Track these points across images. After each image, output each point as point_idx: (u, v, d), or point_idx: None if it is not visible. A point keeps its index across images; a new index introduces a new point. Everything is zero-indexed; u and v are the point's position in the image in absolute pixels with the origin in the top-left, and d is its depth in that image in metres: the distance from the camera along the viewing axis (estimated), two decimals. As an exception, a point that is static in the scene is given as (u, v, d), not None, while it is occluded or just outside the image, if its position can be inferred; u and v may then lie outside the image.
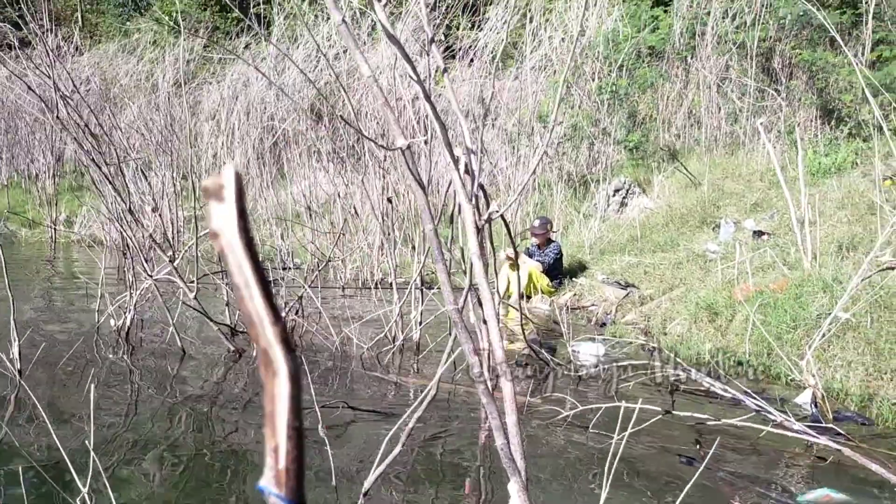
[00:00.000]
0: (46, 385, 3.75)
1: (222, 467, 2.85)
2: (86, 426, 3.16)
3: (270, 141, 12.68)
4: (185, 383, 4.10)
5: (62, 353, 4.19)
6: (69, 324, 5.45)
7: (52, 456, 2.76)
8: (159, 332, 5.01)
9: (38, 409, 3.36)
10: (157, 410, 3.54)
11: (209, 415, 3.57)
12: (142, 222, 4.41)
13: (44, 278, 7.91)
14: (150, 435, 3.16)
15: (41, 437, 2.98)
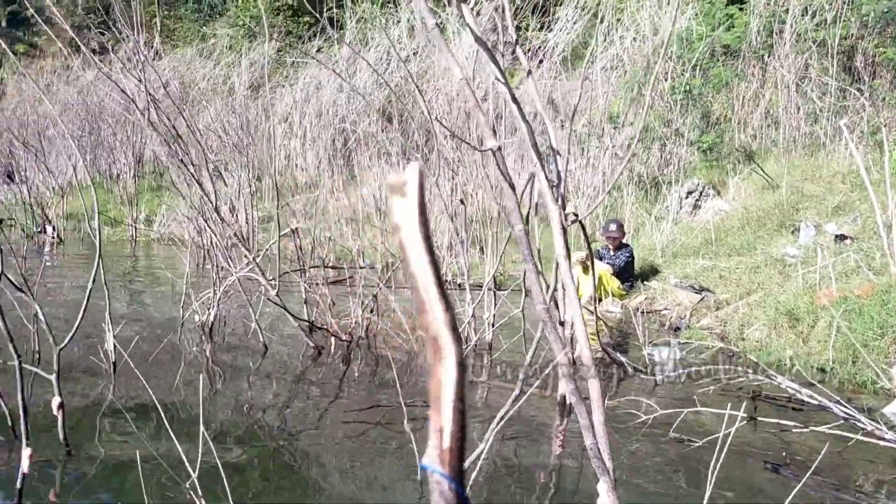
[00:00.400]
0: (138, 377, 3.91)
1: (301, 459, 2.92)
2: (179, 417, 3.30)
3: (341, 142, 12.90)
4: (266, 378, 4.22)
5: (150, 346, 4.36)
6: (154, 319, 5.67)
7: (155, 445, 2.88)
8: (240, 328, 5.17)
9: (133, 399, 3.53)
10: (240, 404, 3.65)
11: (290, 408, 3.66)
12: (227, 221, 4.56)
13: (127, 275, 8.26)
14: (233, 427, 3.27)
15: (140, 428, 3.13)
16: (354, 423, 3.29)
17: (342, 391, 4.04)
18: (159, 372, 4.05)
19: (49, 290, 6.33)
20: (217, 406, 3.62)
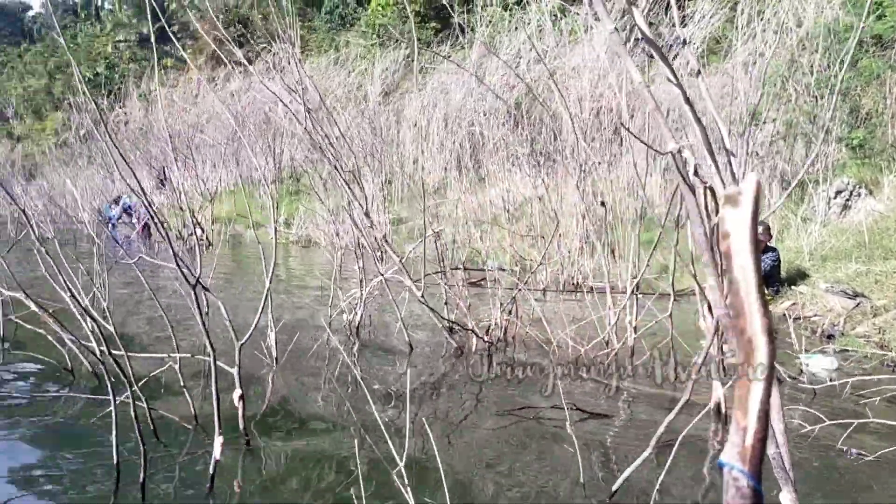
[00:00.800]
0: (296, 371, 4.13)
1: (463, 457, 2.99)
2: (333, 410, 3.46)
3: (468, 146, 13.05)
4: (412, 375, 4.35)
5: (300, 343, 4.59)
6: (300, 317, 5.95)
7: (317, 437, 3.04)
8: (383, 328, 5.35)
9: (294, 393, 3.73)
10: (388, 401, 3.78)
11: (439, 406, 3.75)
12: (376, 224, 4.73)
13: (282, 276, 8.71)
14: (385, 422, 3.38)
15: (304, 420, 3.30)
16: (508, 423, 3.34)
17: (487, 390, 4.10)
18: (313, 367, 4.26)
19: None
20: (362, 400, 3.76)
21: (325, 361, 4.42)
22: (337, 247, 9.20)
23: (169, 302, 5.80)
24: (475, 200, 11.51)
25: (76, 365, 3.74)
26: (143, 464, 2.29)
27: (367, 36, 18.10)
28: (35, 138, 41.89)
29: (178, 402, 3.18)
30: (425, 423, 3.10)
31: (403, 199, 14.00)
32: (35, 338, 4.21)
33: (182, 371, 3.08)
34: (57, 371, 3.77)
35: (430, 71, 16.24)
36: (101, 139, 2.91)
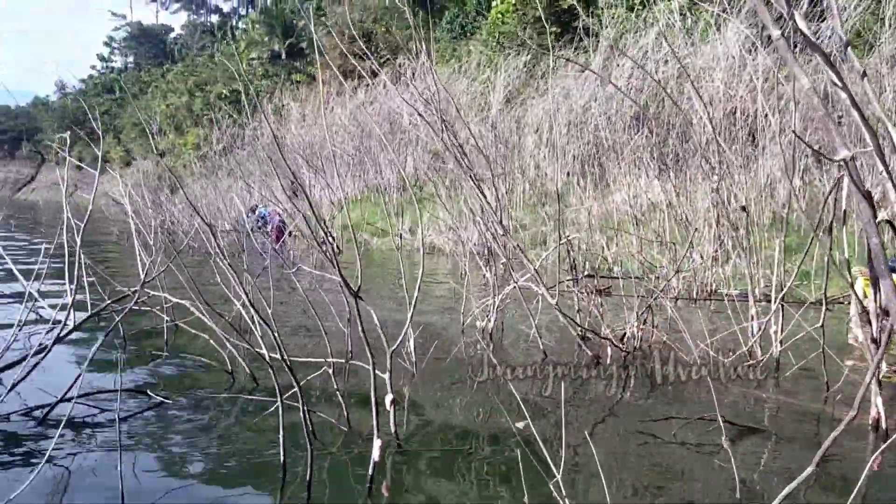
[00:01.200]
0: (436, 377, 4.22)
1: (611, 466, 2.96)
2: (474, 416, 3.51)
3: (592, 150, 12.89)
4: (546, 383, 4.34)
5: (438, 349, 4.68)
6: (431, 322, 6.07)
7: (462, 441, 3.10)
8: (514, 335, 5.37)
9: (433, 398, 3.81)
10: (525, 408, 3.78)
11: (579, 416, 3.73)
12: (509, 232, 4.77)
13: (399, 281, 8.92)
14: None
15: (447, 426, 3.38)
16: (653, 435, 3.28)
17: (626, 400, 4.05)
18: (451, 373, 4.34)
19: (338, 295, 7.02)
20: (506, 407, 3.79)
21: (463, 367, 4.49)
22: (463, 254, 9.35)
23: (305, 307, 6.06)
24: (600, 206, 11.36)
25: (235, 367, 3.98)
26: (310, 463, 2.41)
27: (489, 44, 18.24)
28: (177, 153, 44.80)
29: (331, 405, 3.33)
30: (586, 435, 3.09)
31: (525, 205, 13.99)
32: (194, 340, 4.52)
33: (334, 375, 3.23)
34: (218, 373, 4.03)
35: (552, 76, 16.16)
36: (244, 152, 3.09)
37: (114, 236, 13.62)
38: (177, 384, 3.85)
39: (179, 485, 2.60)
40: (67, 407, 3.30)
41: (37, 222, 19.27)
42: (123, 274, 6.27)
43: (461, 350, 4.87)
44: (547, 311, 5.25)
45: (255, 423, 3.19)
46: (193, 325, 4.43)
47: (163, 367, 4.24)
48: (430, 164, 15.24)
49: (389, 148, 14.77)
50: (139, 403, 3.41)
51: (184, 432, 3.12)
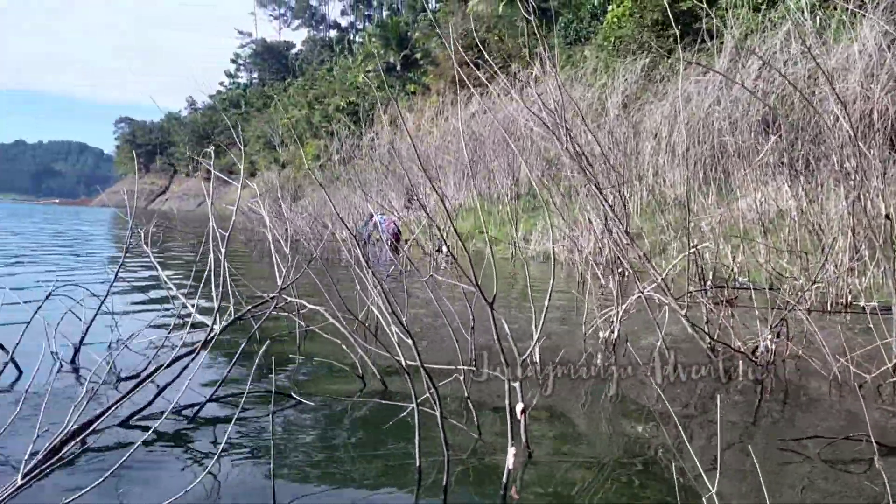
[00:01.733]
0: (559, 387, 4.20)
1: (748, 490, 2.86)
2: (596, 426, 3.46)
3: (717, 155, 12.46)
4: (671, 398, 4.23)
5: (561, 358, 4.65)
6: (550, 331, 6.03)
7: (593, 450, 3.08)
8: (640, 347, 5.26)
9: (560, 407, 3.79)
10: (650, 421, 3.70)
11: (708, 433, 3.61)
12: (634, 242, 4.69)
13: (513, 290, 8.93)
14: (643, 443, 3.32)
15: (570, 435, 3.35)
16: (794, 454, 3.14)
17: (760, 416, 3.88)
18: (577, 383, 4.31)
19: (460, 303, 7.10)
20: (628, 419, 3.72)
21: (588, 377, 4.45)
22: (580, 262, 9.25)
23: (416, 312, 6.16)
24: (724, 213, 10.97)
25: (366, 372, 4.10)
26: (446, 469, 2.46)
27: (605, 49, 17.99)
28: (297, 163, 46.66)
29: (459, 412, 3.38)
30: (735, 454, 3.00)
31: (643, 212, 13.69)
32: (325, 344, 4.69)
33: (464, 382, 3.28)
34: (349, 377, 4.17)
35: (671, 80, 15.77)
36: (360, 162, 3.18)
37: (241, 244, 14.34)
38: (311, 387, 4.00)
39: (320, 485, 2.70)
40: (214, 407, 3.51)
41: (174, 229, 20.51)
42: (252, 279, 6.58)
43: (585, 360, 4.82)
44: (672, 323, 5.11)
45: (387, 427, 3.27)
46: (324, 330, 4.59)
47: (297, 371, 4.42)
48: (545, 171, 15.17)
49: (517, 149, 14.81)
50: (277, 405, 3.57)
51: (321, 433, 3.25)
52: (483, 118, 19.10)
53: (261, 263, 11.83)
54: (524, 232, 14.78)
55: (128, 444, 2.99)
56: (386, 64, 43.47)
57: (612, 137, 13.57)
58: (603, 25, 19.23)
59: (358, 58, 52.21)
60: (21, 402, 2.94)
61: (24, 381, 3.84)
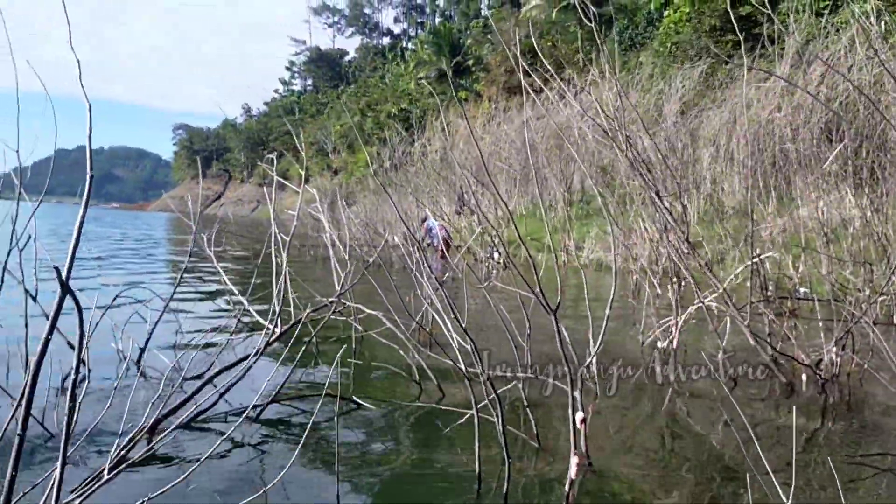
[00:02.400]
0: (614, 397, 4.15)
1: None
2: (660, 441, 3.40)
3: (779, 162, 12.18)
4: (733, 410, 4.14)
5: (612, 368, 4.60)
6: (610, 342, 5.96)
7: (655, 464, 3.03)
8: (694, 356, 5.17)
9: (621, 420, 3.75)
10: (704, 440, 3.62)
11: (769, 447, 3.52)
12: (695, 251, 4.61)
13: (569, 298, 8.85)
14: (710, 458, 3.25)
15: (638, 448, 3.31)
16: (863, 471, 3.04)
17: (825, 431, 3.77)
18: (635, 393, 4.25)
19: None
20: (688, 429, 3.65)
21: (646, 387, 4.39)
22: (635, 271, 9.13)
23: (468, 318, 6.15)
24: (785, 222, 10.72)
25: (423, 378, 4.12)
26: (507, 477, 2.45)
27: (661, 54, 17.77)
28: (350, 169, 47.21)
29: (517, 419, 3.37)
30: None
31: (701, 221, 13.45)
32: (381, 349, 4.73)
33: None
34: (406, 382, 4.20)
35: (729, 86, 15.50)
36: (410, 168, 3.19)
37: (295, 248, 14.53)
38: (369, 391, 4.04)
39: (382, 489, 2.72)
40: (276, 408, 3.57)
41: (232, 234, 20.92)
42: (310, 283, 6.67)
43: (642, 370, 4.76)
44: (731, 334, 5.01)
45: (446, 432, 3.27)
46: (380, 335, 4.63)
47: (354, 375, 4.46)
48: (598, 178, 15.03)
49: (570, 156, 14.74)
50: (333, 408, 3.61)
51: (381, 438, 3.27)
52: (536, 124, 19.04)
53: (315, 267, 11.98)
54: (577, 239, 14.66)
55: (191, 443, 3.06)
56: (438, 70, 43.68)
57: (668, 144, 13.39)
58: (659, 31, 19.00)
59: (410, 65, 52.56)
60: (112, 397, 3.03)
61: (92, 380, 3.97)
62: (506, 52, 30.09)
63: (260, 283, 5.48)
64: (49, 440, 2.95)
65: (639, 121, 9.90)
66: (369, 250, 12.24)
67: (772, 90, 12.57)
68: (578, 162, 15.72)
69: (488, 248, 14.15)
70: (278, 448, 3.10)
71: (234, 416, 3.46)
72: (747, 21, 15.28)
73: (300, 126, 66.65)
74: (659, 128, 14.78)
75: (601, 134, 6.25)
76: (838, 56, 11.87)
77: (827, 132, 11.40)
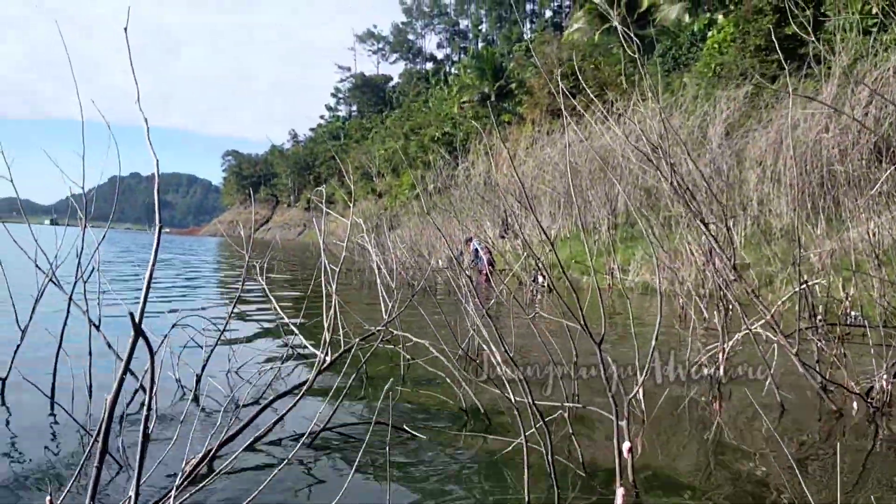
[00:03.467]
0: (658, 425, 4.16)
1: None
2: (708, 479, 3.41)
3: (827, 184, 11.99)
4: (784, 437, 4.11)
5: (657, 394, 4.60)
6: (656, 368, 5.94)
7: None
8: (747, 384, 5.13)
9: (661, 447, 3.76)
10: (759, 463, 3.60)
11: (822, 477, 3.50)
12: (741, 277, 4.60)
13: (614, 321, 8.83)
14: (756, 488, 3.24)
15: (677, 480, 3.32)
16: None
17: (875, 460, 3.72)
18: (681, 421, 4.25)
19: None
20: (736, 459, 3.64)
21: (693, 415, 4.38)
22: (681, 295, 9.07)
23: (511, 343, 6.19)
24: (834, 244, 10.53)
25: (468, 406, 4.19)
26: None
27: (705, 75, 17.68)
28: (394, 193, 47.70)
29: (562, 448, 3.41)
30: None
31: (747, 243, 13.29)
32: (428, 376, 4.81)
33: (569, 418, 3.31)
34: (452, 410, 4.27)
35: (775, 106, 15.33)
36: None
37: (342, 275, 14.68)
38: (416, 419, 4.12)
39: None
40: (325, 434, 3.68)
41: (281, 260, 21.29)
42: (356, 309, 6.79)
43: (688, 397, 4.75)
44: (779, 359, 4.97)
45: (493, 461, 3.33)
46: (426, 362, 4.72)
47: (401, 402, 4.55)
48: (643, 200, 14.97)
49: (614, 178, 14.73)
50: (382, 436, 3.70)
51: (430, 466, 3.34)
52: (579, 147, 19.05)
53: (360, 293, 12.14)
54: (621, 262, 14.58)
55: (247, 468, 3.17)
56: (481, 94, 44.04)
57: (714, 166, 13.29)
58: (703, 52, 18.91)
59: (453, 89, 53.06)
60: (179, 426, 3.16)
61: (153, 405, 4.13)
62: (549, 75, 30.23)
63: (309, 309, 5.63)
64: (119, 471, 3.08)
65: (682, 144, 9.89)
66: (414, 274, 12.38)
67: (819, 110, 12.42)
68: (620, 186, 15.71)
69: (532, 271, 14.17)
70: (330, 475, 3.20)
71: (288, 442, 3.58)
72: (793, 40, 15.15)
73: (345, 151, 67.65)
74: (704, 150, 14.68)
75: (644, 158, 6.29)
76: (887, 76, 11.69)
77: (877, 152, 11.20)
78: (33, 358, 4.73)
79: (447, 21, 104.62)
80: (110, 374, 4.27)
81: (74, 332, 4.48)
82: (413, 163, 45.70)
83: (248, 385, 4.47)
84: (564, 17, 73.85)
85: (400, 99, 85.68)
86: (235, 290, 4.77)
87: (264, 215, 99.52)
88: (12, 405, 4.19)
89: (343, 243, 4.39)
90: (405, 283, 8.42)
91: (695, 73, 18.86)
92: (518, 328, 6.24)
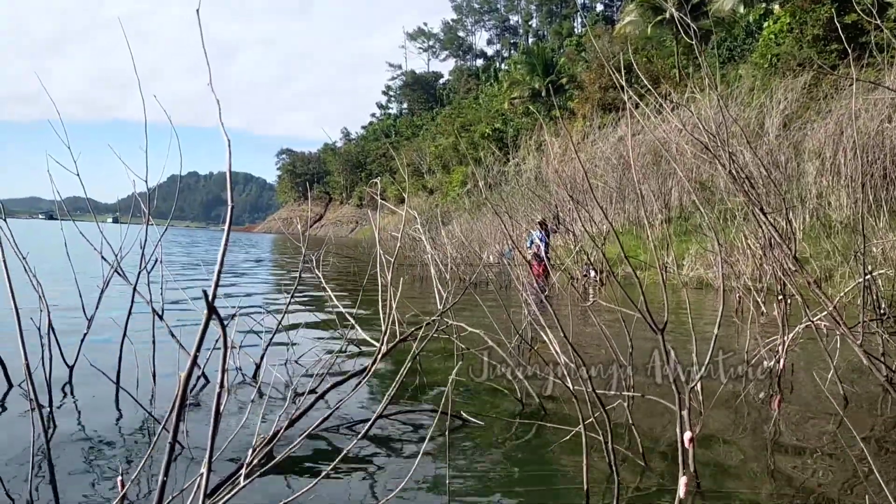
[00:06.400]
0: (725, 418, 4.10)
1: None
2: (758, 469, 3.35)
3: (889, 175, 11.62)
4: (847, 433, 4.01)
5: (715, 387, 4.54)
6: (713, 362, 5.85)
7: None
8: (809, 379, 5.03)
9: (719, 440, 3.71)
10: (817, 459, 3.53)
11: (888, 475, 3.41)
12: (802, 268, 4.51)
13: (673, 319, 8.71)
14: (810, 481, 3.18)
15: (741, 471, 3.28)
16: None
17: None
18: (741, 414, 4.19)
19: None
20: (797, 454, 3.57)
21: (752, 407, 4.31)
22: (737, 289, 8.91)
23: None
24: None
25: (525, 395, 4.20)
26: (616, 494, 2.50)
27: (761, 66, 17.27)
28: (445, 189, 47.83)
29: (621, 437, 3.40)
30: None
31: (806, 236, 12.95)
32: (478, 365, 4.84)
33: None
34: (508, 399, 4.29)
35: (835, 97, 14.91)
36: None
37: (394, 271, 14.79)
38: (471, 408, 4.15)
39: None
40: (381, 422, 3.73)
41: (336, 254, 21.58)
42: (410, 301, 6.86)
43: (745, 389, 4.68)
44: (842, 351, 4.85)
45: (550, 450, 3.34)
46: (481, 353, 4.74)
47: (456, 391, 4.58)
48: (698, 193, 14.71)
49: (668, 172, 14.54)
50: (443, 424, 3.74)
51: (487, 454, 3.36)
52: (632, 141, 18.82)
53: (413, 287, 12.22)
54: (676, 257, 14.36)
55: (304, 455, 3.24)
56: (531, 90, 43.78)
57: (771, 158, 13.00)
58: (759, 43, 18.47)
59: (503, 85, 52.90)
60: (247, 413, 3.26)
61: (210, 391, 4.25)
62: (600, 69, 29.89)
63: (364, 301, 5.71)
64: (181, 452, 3.18)
65: (740, 135, 9.70)
66: (466, 269, 12.40)
67: (881, 100, 12.03)
68: (678, 177, 15.47)
69: (584, 265, 14.06)
70: (388, 462, 3.24)
71: (345, 430, 3.64)
72: (853, 29, 14.71)
73: (396, 148, 68.09)
74: (761, 141, 14.36)
75: (701, 149, 6.19)
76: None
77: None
78: (99, 346, 4.91)
79: (497, 17, 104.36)
80: (173, 362, 4.41)
81: (138, 324, 4.62)
82: (464, 159, 45.73)
83: (305, 373, 4.57)
84: (615, 11, 72.91)
85: (450, 96, 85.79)
86: (292, 282, 4.86)
87: (317, 212, 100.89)
88: (79, 391, 4.35)
89: (398, 235, 4.44)
90: (456, 277, 8.44)
91: (750, 64, 18.42)
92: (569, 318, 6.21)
